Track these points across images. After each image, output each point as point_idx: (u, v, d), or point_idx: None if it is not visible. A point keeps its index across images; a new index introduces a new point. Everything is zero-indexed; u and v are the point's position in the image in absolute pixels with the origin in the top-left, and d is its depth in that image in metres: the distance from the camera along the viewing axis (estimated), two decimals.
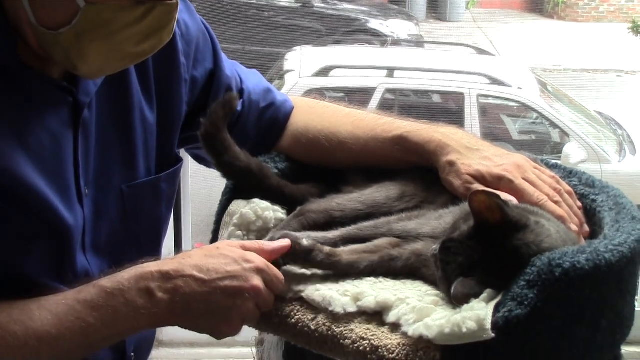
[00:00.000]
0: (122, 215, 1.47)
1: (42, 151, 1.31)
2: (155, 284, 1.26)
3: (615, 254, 1.20)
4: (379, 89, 5.86)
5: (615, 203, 1.40)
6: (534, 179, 1.41)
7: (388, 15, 8.64)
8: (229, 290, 1.28)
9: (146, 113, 1.49)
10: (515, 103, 6.26)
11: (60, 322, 1.24)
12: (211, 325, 1.30)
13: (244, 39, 6.48)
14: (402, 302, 1.27)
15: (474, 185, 1.39)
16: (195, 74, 1.57)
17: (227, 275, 1.29)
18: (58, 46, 1.27)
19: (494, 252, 1.24)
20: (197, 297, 1.27)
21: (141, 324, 1.27)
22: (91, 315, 1.24)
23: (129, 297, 1.25)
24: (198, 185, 3.20)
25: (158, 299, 1.26)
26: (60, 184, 1.34)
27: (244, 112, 1.63)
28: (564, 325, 1.19)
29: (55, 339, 1.23)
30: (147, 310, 1.25)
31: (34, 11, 1.25)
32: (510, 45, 8.68)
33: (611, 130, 6.19)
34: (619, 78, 8.06)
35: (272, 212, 1.49)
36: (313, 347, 1.31)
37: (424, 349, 1.20)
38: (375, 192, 1.49)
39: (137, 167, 1.48)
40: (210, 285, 1.27)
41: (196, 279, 1.27)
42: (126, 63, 1.35)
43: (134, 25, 1.27)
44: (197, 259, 1.30)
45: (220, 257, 1.31)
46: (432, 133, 1.49)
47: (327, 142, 1.59)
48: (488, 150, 1.45)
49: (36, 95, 1.32)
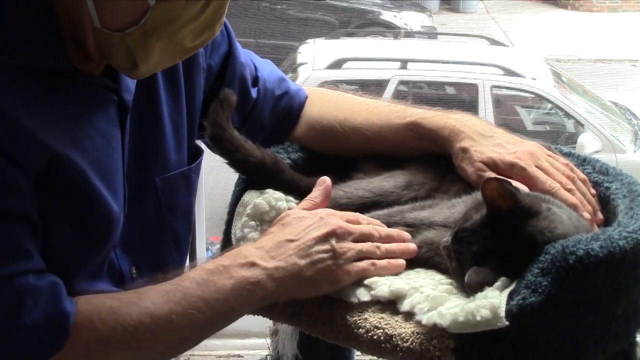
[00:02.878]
0: (157, 208, 1.47)
1: (98, 154, 1.31)
2: (256, 256, 1.28)
3: (630, 241, 1.20)
4: (392, 81, 5.86)
5: (629, 190, 1.39)
6: (547, 166, 1.41)
7: (401, 7, 8.64)
8: (320, 237, 1.31)
9: (173, 104, 1.49)
10: (530, 94, 6.25)
11: (170, 299, 1.24)
12: (324, 276, 1.31)
13: (256, 32, 6.49)
14: (416, 291, 1.27)
15: (486, 172, 1.39)
16: (211, 62, 1.57)
17: (311, 227, 1.33)
18: (122, 47, 1.26)
19: (507, 240, 1.24)
20: (295, 255, 1.29)
21: (251, 296, 1.27)
22: (198, 289, 1.25)
23: (233, 271, 1.27)
24: (211, 178, 3.21)
25: (262, 267, 1.27)
26: (113, 184, 1.34)
27: (259, 100, 1.64)
28: (578, 312, 1.18)
29: (167, 315, 1.23)
30: (255, 279, 1.26)
31: (99, 14, 1.24)
32: (524, 35, 8.66)
33: (626, 120, 6.17)
34: (633, 68, 8.02)
35: (285, 202, 1.48)
36: (327, 336, 1.31)
37: (438, 337, 1.20)
38: (384, 180, 1.49)
39: (168, 160, 1.48)
40: (301, 241, 1.31)
41: (288, 241, 1.31)
42: (177, 59, 1.36)
43: (194, 20, 1.26)
44: (276, 230, 1.34)
45: (296, 220, 1.35)
46: (446, 119, 1.49)
47: (341, 128, 1.59)
48: (502, 137, 1.45)
49: (87, 97, 1.32)
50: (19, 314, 1.16)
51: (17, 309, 1.16)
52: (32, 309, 1.17)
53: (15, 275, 1.17)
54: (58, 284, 1.21)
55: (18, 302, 1.17)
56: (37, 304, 1.17)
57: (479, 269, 1.23)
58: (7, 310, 1.16)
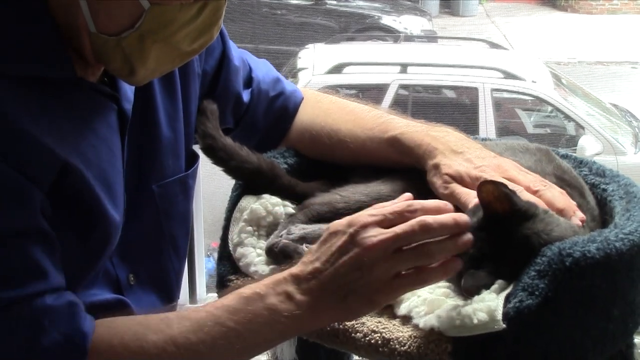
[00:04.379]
0: (155, 215, 1.46)
1: (101, 163, 1.30)
2: (291, 287, 1.21)
3: (626, 242, 1.19)
4: (393, 85, 5.86)
5: (626, 192, 1.39)
6: (514, 175, 1.38)
7: (401, 11, 8.64)
8: (350, 262, 1.19)
9: (171, 111, 1.48)
10: (530, 97, 6.25)
11: (199, 327, 1.20)
12: (362, 300, 1.20)
13: (256, 38, 6.50)
14: (413, 295, 1.27)
15: (451, 184, 1.38)
16: (206, 67, 1.57)
17: (340, 250, 1.20)
18: (118, 51, 1.26)
19: (504, 243, 1.24)
20: (328, 284, 1.19)
21: (286, 329, 1.21)
22: (231, 320, 1.20)
23: (269, 301, 1.20)
24: (212, 184, 3.20)
25: (297, 300, 1.20)
26: (114, 193, 1.33)
27: (252, 100, 1.63)
28: (576, 315, 1.18)
29: (194, 345, 1.19)
30: (289, 313, 1.20)
31: (94, 18, 1.24)
32: (523, 39, 8.66)
33: (626, 122, 6.17)
34: (633, 70, 8.02)
35: (282, 207, 1.49)
36: (325, 341, 1.31)
37: (435, 340, 1.20)
38: (381, 184, 1.49)
39: (165, 167, 1.48)
40: (333, 267, 1.19)
41: (319, 270, 1.20)
42: (176, 64, 1.34)
43: (190, 23, 1.26)
44: (311, 255, 1.23)
45: (329, 238, 1.22)
46: (424, 136, 1.48)
47: (327, 140, 1.59)
48: (473, 152, 1.44)
49: (88, 106, 1.31)
50: (36, 336, 1.15)
51: (34, 331, 1.16)
52: (49, 330, 1.16)
53: (31, 297, 1.16)
54: (75, 303, 1.21)
55: (35, 324, 1.16)
56: (54, 324, 1.17)
57: (476, 272, 1.23)
58: (24, 333, 1.15)
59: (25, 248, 1.17)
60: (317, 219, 1.45)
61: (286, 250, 1.39)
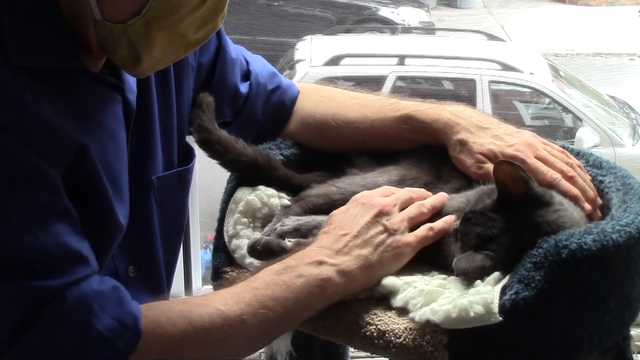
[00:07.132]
0: (153, 207, 1.46)
1: (107, 156, 1.30)
2: (321, 254, 1.28)
3: (623, 234, 1.19)
4: (390, 77, 5.84)
5: (623, 184, 1.39)
6: (546, 155, 1.41)
7: (399, 2, 8.61)
8: (370, 222, 1.32)
9: (163, 104, 1.48)
10: (528, 88, 6.23)
11: (240, 300, 1.23)
12: (388, 256, 1.31)
13: (253, 29, 6.47)
14: (409, 286, 1.27)
15: (486, 164, 1.39)
16: (201, 60, 1.57)
17: (357, 215, 1.34)
18: (124, 39, 1.25)
19: (513, 227, 1.23)
20: (356, 247, 1.30)
21: (323, 292, 1.26)
22: (268, 289, 1.24)
23: (302, 270, 1.26)
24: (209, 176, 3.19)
25: (330, 263, 1.27)
26: (119, 187, 1.33)
27: (251, 93, 1.63)
28: (572, 307, 1.18)
29: (239, 315, 1.22)
30: (325, 275, 1.26)
31: (100, 5, 1.23)
32: (521, 30, 8.64)
33: (624, 114, 6.16)
34: (631, 61, 8.01)
35: (278, 198, 1.48)
36: (320, 333, 1.31)
37: (431, 332, 1.20)
38: (378, 175, 1.48)
39: (158, 159, 1.47)
40: (356, 231, 1.31)
41: (343, 235, 1.31)
42: (180, 54, 1.34)
43: (196, 10, 1.26)
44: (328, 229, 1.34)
45: (341, 215, 1.36)
46: (440, 111, 1.49)
47: (334, 122, 1.59)
48: (498, 128, 1.45)
49: (95, 97, 1.31)
50: (90, 322, 1.15)
51: (86, 317, 1.16)
52: (100, 314, 1.16)
53: (77, 282, 1.17)
54: (118, 286, 1.22)
55: (87, 310, 1.16)
56: (104, 309, 1.17)
57: (473, 254, 1.23)
58: (78, 320, 1.16)
59: (62, 234, 1.17)
60: (313, 210, 1.45)
61: (269, 246, 1.39)
